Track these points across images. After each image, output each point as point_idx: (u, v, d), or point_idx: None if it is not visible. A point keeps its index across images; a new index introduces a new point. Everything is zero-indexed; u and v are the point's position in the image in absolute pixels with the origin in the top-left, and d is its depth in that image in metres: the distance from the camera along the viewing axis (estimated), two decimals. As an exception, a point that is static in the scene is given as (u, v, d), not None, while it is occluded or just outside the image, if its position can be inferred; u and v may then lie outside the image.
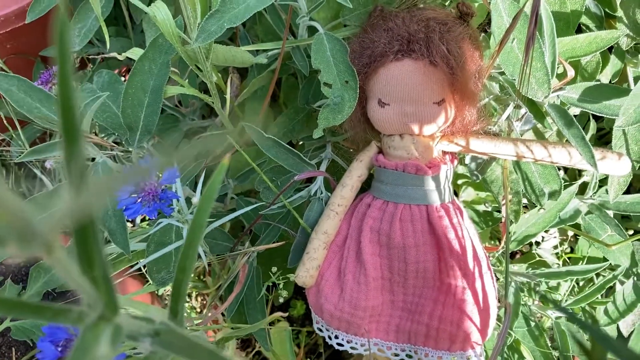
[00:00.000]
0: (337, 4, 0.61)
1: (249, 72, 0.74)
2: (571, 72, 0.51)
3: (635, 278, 0.73)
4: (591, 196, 0.69)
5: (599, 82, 0.55)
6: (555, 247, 0.82)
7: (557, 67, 0.51)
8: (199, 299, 0.90)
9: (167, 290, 0.89)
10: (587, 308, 0.76)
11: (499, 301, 0.59)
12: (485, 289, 0.57)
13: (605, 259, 0.74)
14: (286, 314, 0.64)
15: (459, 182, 0.73)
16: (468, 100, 0.54)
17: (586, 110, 0.53)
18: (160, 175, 0.41)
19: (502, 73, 0.57)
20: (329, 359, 0.85)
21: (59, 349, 0.35)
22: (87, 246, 0.18)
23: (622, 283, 0.72)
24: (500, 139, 0.55)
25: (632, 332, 0.74)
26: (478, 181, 0.63)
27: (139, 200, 0.40)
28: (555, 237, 0.84)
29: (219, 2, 0.49)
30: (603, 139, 0.80)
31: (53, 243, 0.15)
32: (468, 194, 0.75)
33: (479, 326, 0.57)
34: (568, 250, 0.81)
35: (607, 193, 0.62)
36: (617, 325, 0.74)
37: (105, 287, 0.19)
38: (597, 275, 0.77)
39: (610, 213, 0.70)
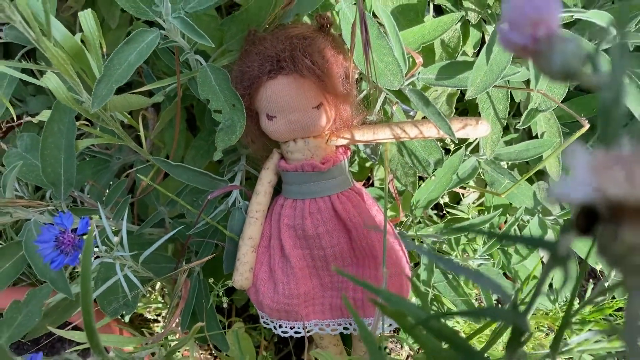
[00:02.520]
0: (220, 33, 0.68)
1: (162, 105, 0.80)
2: (419, 60, 0.58)
3: (539, 215, 0.82)
4: (484, 153, 0.77)
5: (451, 61, 0.62)
6: (474, 202, 0.91)
7: (409, 57, 0.59)
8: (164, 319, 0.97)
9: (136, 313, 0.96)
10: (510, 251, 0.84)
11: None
12: (394, 257, 0.64)
13: (511, 204, 0.83)
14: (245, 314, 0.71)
15: (367, 164, 0.81)
16: (342, 99, 0.61)
17: (444, 87, 0.61)
18: (75, 227, 0.47)
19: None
20: (296, 346, 0.93)
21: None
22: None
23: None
24: (378, 126, 0.63)
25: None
26: (377, 162, 0.71)
27: (60, 253, 0.46)
28: (474, 192, 0.92)
29: (104, 68, 0.55)
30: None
31: None
32: (381, 172, 0.82)
33: (395, 290, 0.65)
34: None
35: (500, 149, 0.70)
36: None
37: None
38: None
39: (504, 164, 0.78)
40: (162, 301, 0.90)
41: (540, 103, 0.66)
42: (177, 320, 0.75)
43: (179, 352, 0.77)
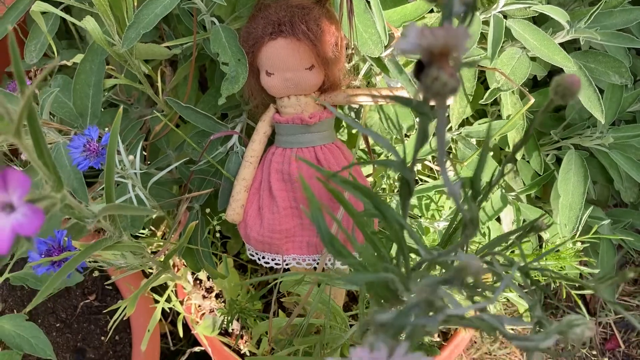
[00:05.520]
0: (233, 1, 0.79)
1: (178, 63, 0.92)
2: (397, 33, 0.69)
3: (503, 190, 0.92)
4: (456, 130, 0.87)
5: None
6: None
7: (390, 32, 0.69)
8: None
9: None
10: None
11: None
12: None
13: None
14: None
15: (354, 131, 0.92)
16: (331, 63, 0.72)
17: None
18: (100, 137, 0.58)
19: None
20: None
21: (42, 255, 0.53)
22: (40, 146, 0.35)
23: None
24: (360, 90, 0.74)
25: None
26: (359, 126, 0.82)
27: (86, 157, 0.57)
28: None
29: (134, 16, 0.66)
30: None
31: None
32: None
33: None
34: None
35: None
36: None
37: (54, 170, 0.36)
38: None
39: (474, 141, 0.89)
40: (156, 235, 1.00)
41: (503, 84, 0.76)
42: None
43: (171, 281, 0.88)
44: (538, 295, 0.34)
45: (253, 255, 0.81)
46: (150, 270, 0.85)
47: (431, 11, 0.74)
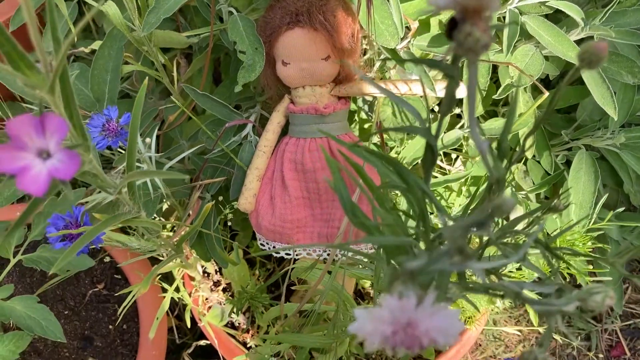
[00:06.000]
0: (251, -7, 0.80)
1: (193, 56, 0.93)
2: (414, 25, 0.70)
3: (513, 189, 0.92)
4: (467, 127, 0.88)
5: (441, 32, 0.74)
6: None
7: (407, 24, 0.70)
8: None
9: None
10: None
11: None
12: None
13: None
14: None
15: (366, 126, 0.92)
16: (347, 55, 0.73)
17: (433, 52, 0.72)
18: (119, 119, 0.59)
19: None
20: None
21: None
22: (70, 107, 0.36)
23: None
24: (374, 82, 0.74)
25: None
26: (372, 120, 0.82)
27: (104, 137, 0.58)
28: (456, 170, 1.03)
29: (155, 1, 0.67)
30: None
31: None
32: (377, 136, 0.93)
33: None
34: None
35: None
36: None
37: (81, 132, 0.37)
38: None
39: (484, 138, 0.89)
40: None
41: (516, 80, 0.77)
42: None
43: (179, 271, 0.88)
44: (557, 264, 0.34)
45: (264, 245, 0.81)
46: (161, 258, 0.85)
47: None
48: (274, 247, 0.80)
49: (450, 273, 0.25)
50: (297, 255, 0.80)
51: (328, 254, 0.80)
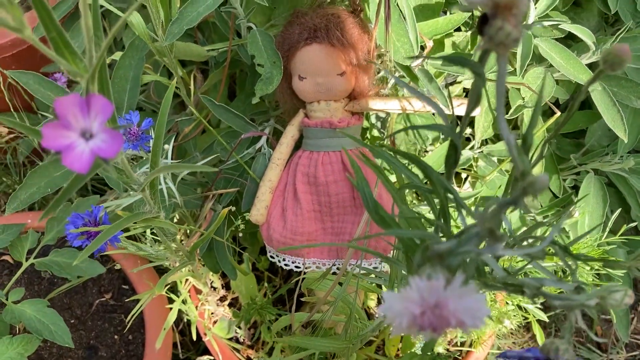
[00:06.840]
0: (269, 10, 0.83)
1: (209, 71, 0.95)
2: (429, 43, 0.71)
3: (521, 211, 0.93)
4: (478, 148, 0.89)
5: (456, 51, 0.75)
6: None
7: (422, 42, 0.72)
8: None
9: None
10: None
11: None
12: (383, 204, 0.76)
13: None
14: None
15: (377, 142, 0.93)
16: (362, 71, 0.74)
17: (447, 71, 0.74)
18: (140, 124, 0.60)
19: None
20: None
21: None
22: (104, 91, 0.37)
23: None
24: (388, 98, 0.76)
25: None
26: (386, 136, 0.84)
27: (126, 140, 0.59)
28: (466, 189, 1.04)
29: (178, 13, 0.69)
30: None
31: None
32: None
33: (385, 240, 0.76)
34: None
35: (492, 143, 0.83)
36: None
37: (112, 115, 0.38)
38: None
39: (495, 159, 0.90)
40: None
41: (528, 100, 0.78)
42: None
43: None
44: (576, 266, 0.34)
45: (273, 258, 0.82)
46: (170, 269, 0.85)
47: (458, 29, 0.77)
48: (283, 259, 0.80)
49: (478, 258, 0.25)
50: (306, 268, 0.80)
51: (338, 269, 0.80)
